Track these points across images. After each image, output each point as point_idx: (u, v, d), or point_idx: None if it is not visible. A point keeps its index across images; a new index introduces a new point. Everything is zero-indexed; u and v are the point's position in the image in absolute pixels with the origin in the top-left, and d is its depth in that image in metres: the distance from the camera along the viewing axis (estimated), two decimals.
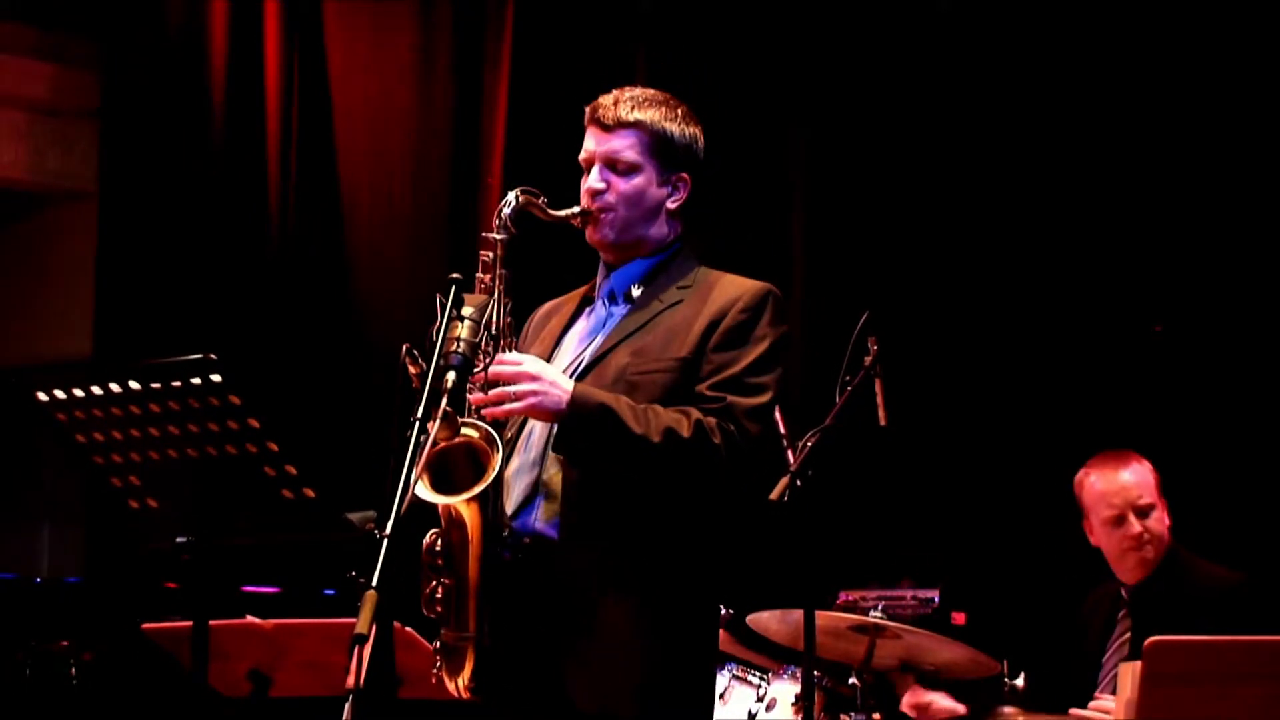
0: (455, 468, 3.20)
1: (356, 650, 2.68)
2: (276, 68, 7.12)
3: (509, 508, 3.33)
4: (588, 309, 3.54)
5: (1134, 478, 4.93)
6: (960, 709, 4.97)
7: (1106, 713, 4.59)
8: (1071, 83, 5.86)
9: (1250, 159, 5.61)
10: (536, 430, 3.37)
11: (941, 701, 5.00)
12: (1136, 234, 5.74)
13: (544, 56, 6.61)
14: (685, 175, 3.50)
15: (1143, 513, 4.90)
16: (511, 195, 3.39)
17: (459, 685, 3.28)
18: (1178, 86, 5.68)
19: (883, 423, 4.56)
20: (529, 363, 3.26)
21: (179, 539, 3.56)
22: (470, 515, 3.23)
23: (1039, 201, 5.89)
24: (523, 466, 3.37)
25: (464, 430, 3.21)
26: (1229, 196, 5.63)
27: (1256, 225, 5.60)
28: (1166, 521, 4.93)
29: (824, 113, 6.24)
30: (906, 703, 5.03)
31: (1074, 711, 4.67)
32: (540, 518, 3.32)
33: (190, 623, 3.71)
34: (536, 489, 3.34)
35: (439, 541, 3.26)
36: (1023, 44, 5.93)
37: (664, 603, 3.29)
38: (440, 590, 3.25)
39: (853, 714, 4.79)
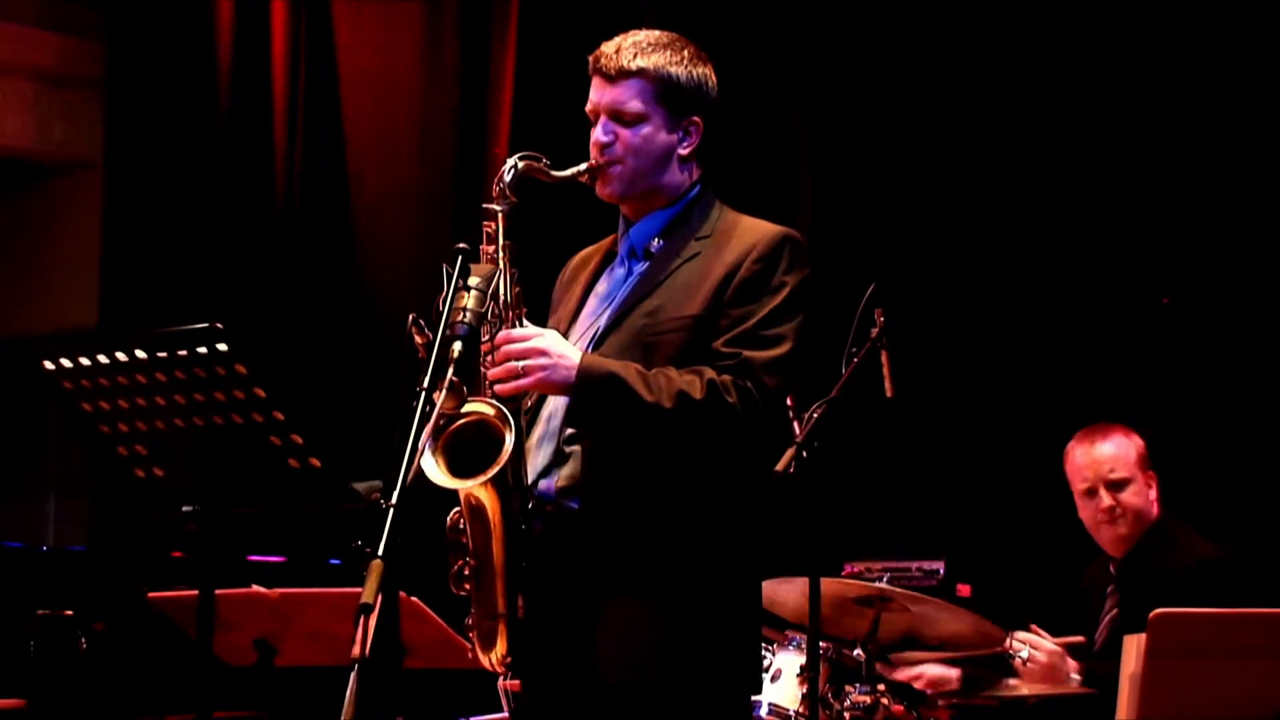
0: (471, 448, 3.16)
1: (362, 620, 2.68)
2: (283, 36, 7.11)
3: (531, 476, 3.30)
4: (610, 266, 3.48)
5: (1110, 451, 4.90)
6: (952, 673, 4.97)
7: (1037, 648, 4.63)
8: (1077, 55, 5.84)
9: (1256, 135, 5.59)
10: (558, 399, 3.32)
11: (932, 670, 5.01)
12: (1144, 206, 5.73)
13: (551, 26, 6.59)
14: (696, 119, 3.41)
15: (1115, 486, 4.88)
16: (512, 161, 3.33)
17: (493, 660, 3.27)
18: (1185, 59, 5.66)
19: (889, 395, 4.56)
20: (537, 338, 3.22)
21: (185, 508, 3.57)
22: (490, 500, 3.20)
23: (1046, 174, 5.87)
24: (545, 436, 3.34)
25: (478, 407, 3.17)
26: (1237, 168, 5.62)
27: (1265, 197, 5.59)
28: (1151, 495, 4.90)
29: (831, 85, 6.22)
30: (900, 677, 5.04)
31: (1016, 634, 4.71)
32: (561, 486, 3.29)
33: (196, 592, 3.72)
34: (558, 457, 3.31)
35: (461, 521, 3.24)
36: (1030, 15, 5.91)
37: (695, 566, 3.24)
38: (467, 569, 3.23)
39: (858, 685, 4.79)
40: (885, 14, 6.12)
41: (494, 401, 3.18)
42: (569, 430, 3.30)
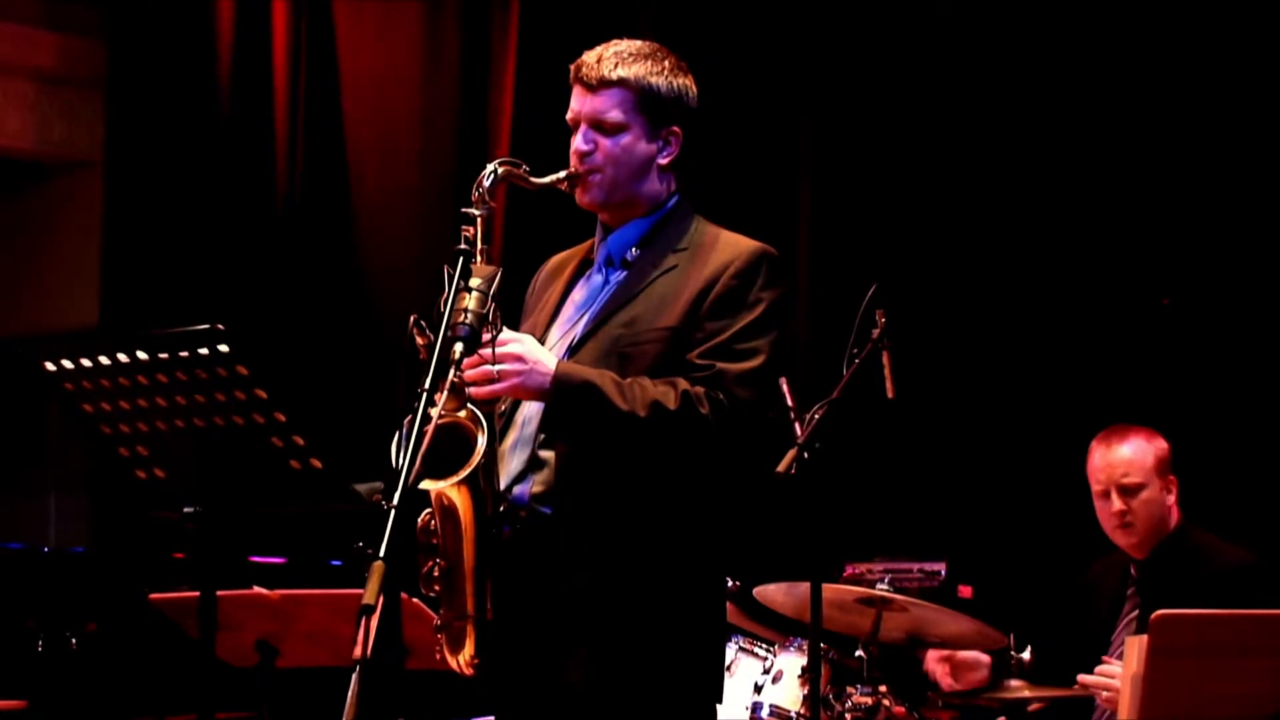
0: (444, 450, 3.14)
1: (364, 621, 2.68)
2: (284, 35, 7.10)
3: (504, 481, 3.30)
4: (587, 273, 3.49)
5: (1126, 454, 4.87)
6: (985, 658, 4.96)
7: (1113, 678, 4.58)
8: (1077, 56, 5.84)
9: (1258, 135, 5.59)
10: (532, 405, 3.34)
11: (964, 651, 5.00)
12: (1144, 207, 5.73)
13: (551, 26, 6.59)
14: (676, 129, 3.42)
15: (1128, 491, 4.85)
16: (491, 167, 3.33)
17: (461, 662, 3.28)
18: (1185, 59, 5.66)
19: (890, 396, 4.56)
20: (513, 344, 3.22)
21: (186, 509, 3.57)
22: (462, 501, 3.20)
23: (1047, 174, 5.88)
24: (519, 441, 3.35)
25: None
26: (1236, 168, 5.62)
27: (1265, 197, 5.59)
28: (1169, 501, 4.87)
29: (831, 87, 6.22)
30: (931, 658, 5.03)
31: (1081, 678, 4.66)
32: (535, 491, 3.30)
33: (197, 593, 3.72)
34: (531, 463, 3.32)
35: (432, 523, 3.24)
36: (1030, 17, 5.91)
37: (664, 576, 3.27)
38: (437, 570, 3.24)
39: (859, 686, 4.79)
40: (885, 15, 6.13)
41: (469, 405, 3.18)
42: (543, 436, 3.31)
